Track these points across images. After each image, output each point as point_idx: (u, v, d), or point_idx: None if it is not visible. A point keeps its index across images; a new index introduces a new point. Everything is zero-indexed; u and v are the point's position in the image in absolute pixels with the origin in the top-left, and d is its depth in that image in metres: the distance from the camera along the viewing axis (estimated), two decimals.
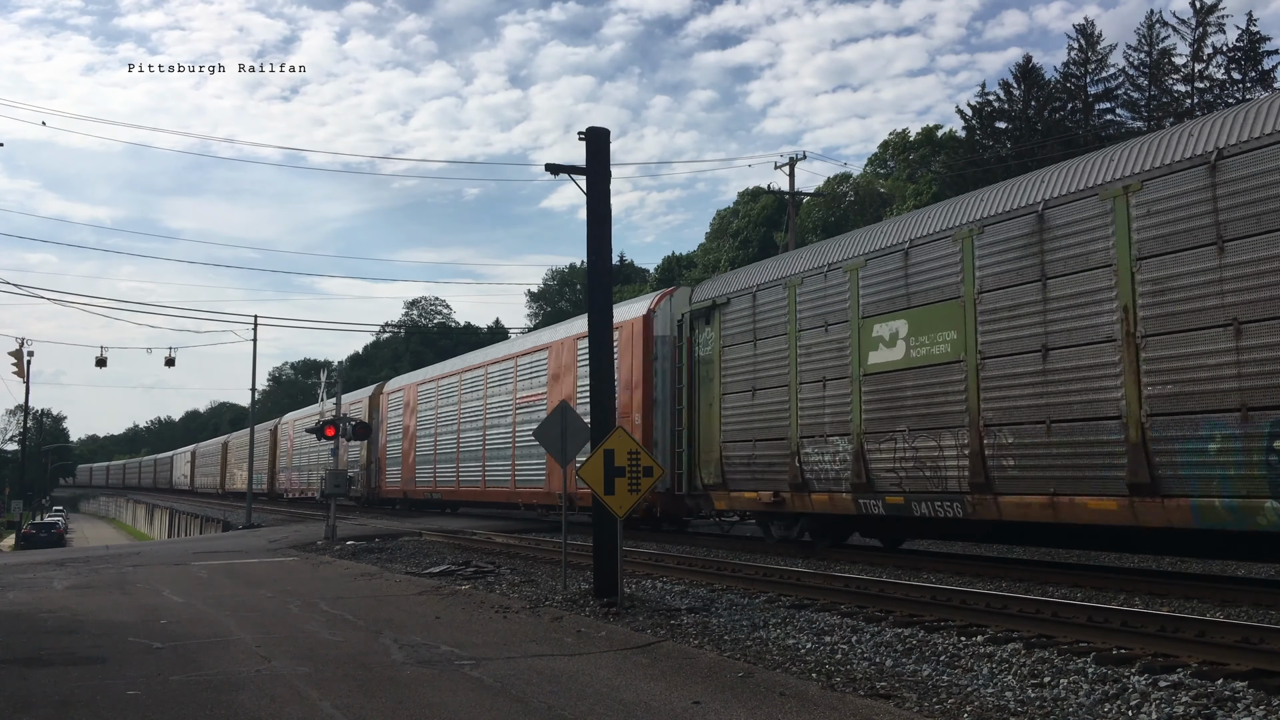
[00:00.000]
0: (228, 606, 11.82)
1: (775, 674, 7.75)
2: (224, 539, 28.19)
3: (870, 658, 8.48)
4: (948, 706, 6.81)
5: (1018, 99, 50.32)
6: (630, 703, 6.77)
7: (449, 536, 23.60)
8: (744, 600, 11.93)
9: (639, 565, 15.56)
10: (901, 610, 10.74)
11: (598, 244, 13.03)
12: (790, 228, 40.49)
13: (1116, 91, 49.71)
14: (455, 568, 16.28)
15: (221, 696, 7.02)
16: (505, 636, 9.48)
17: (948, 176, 47.51)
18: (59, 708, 6.77)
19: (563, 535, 14.01)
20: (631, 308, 23.51)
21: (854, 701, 6.74)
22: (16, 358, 47.34)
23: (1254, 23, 46.16)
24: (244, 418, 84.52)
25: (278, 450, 57.35)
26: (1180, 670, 7.57)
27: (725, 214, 66.62)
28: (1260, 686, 7.01)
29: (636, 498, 11.84)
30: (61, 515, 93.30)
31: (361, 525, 28.85)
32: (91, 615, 11.23)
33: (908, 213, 16.28)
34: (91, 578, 15.60)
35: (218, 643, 9.28)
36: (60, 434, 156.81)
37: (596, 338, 13.03)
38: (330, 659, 8.37)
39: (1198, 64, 47.23)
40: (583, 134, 13.23)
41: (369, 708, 6.68)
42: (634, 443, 11.97)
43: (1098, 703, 6.85)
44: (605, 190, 13.19)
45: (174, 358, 47.96)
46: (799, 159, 38.65)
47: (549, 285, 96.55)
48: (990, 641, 8.98)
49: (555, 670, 7.85)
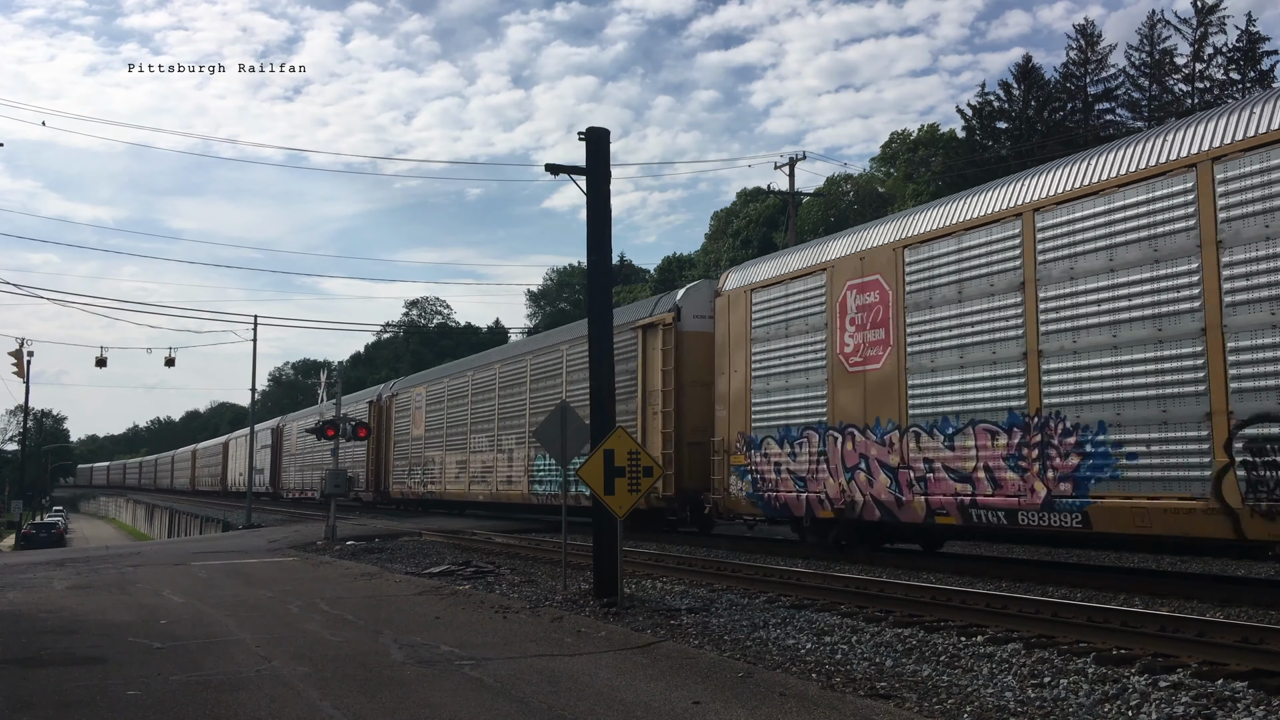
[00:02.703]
0: (228, 606, 11.82)
1: (775, 674, 7.75)
2: (224, 539, 28.20)
3: (870, 658, 8.47)
4: (948, 706, 6.81)
5: (1018, 99, 50.33)
6: (630, 703, 6.77)
7: (449, 536, 23.60)
8: (744, 600, 11.93)
9: (639, 565, 15.56)
10: (901, 610, 10.74)
11: (598, 244, 13.04)
12: (790, 227, 40.52)
13: (1117, 91, 49.74)
14: (455, 568, 16.29)
15: (221, 696, 7.02)
16: (505, 636, 9.48)
17: (948, 176, 47.50)
18: (59, 708, 6.77)
19: (563, 535, 14.02)
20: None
21: (854, 701, 6.74)
22: (16, 358, 47.34)
23: (1253, 23, 46.10)
24: (244, 418, 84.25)
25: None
26: (1180, 670, 7.58)
27: (724, 214, 66.64)
28: (1260, 686, 7.01)
29: (636, 497, 11.85)
30: (61, 515, 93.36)
31: (361, 525, 28.85)
32: (91, 615, 11.22)
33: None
34: (91, 578, 15.59)
35: (218, 643, 9.28)
36: (60, 434, 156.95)
37: (597, 337, 13.04)
38: (330, 659, 8.37)
39: (1198, 64, 47.27)
40: (583, 134, 13.23)
41: (369, 708, 6.68)
42: (634, 443, 11.98)
43: (1098, 703, 6.85)
44: (605, 191, 13.19)
45: (174, 358, 47.99)
46: (799, 159, 38.79)
47: (549, 285, 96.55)
48: (990, 641, 8.99)
49: (555, 670, 7.85)
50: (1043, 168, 13.95)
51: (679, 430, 20.53)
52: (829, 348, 16.48)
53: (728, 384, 19.01)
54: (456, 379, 33.35)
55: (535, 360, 27.63)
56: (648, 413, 21.34)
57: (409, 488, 36.50)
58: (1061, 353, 12.76)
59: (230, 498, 67.18)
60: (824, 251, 17.20)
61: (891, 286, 15.40)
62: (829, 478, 16.22)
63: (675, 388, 20.69)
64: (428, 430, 35.06)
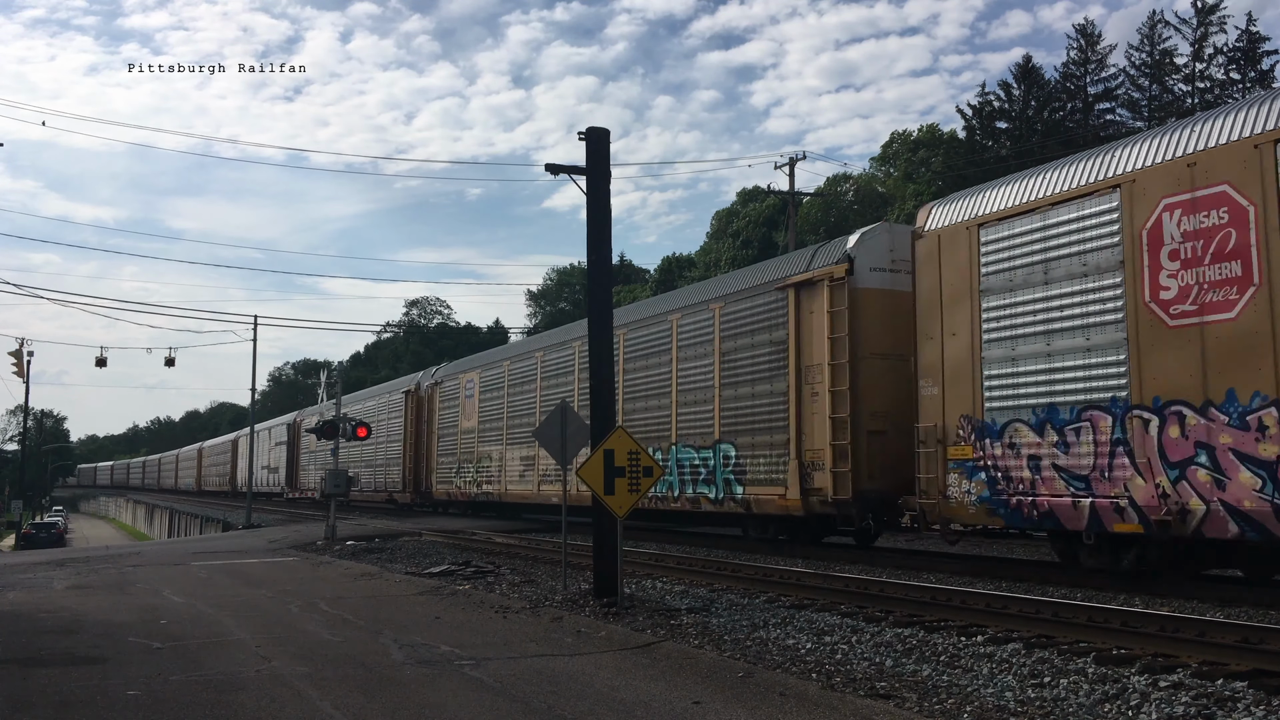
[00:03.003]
0: (228, 606, 11.82)
1: (775, 674, 7.75)
2: (224, 539, 28.20)
3: (870, 658, 8.48)
4: (948, 706, 6.81)
5: (1018, 99, 50.36)
6: (630, 703, 6.77)
7: (449, 536, 23.61)
8: (744, 600, 11.93)
9: (639, 565, 15.57)
10: (901, 610, 10.74)
11: (598, 244, 13.04)
12: (790, 227, 40.53)
13: (1117, 91, 49.78)
14: (455, 568, 16.29)
15: (221, 696, 7.02)
16: (505, 636, 9.48)
17: (948, 176, 47.51)
18: (59, 708, 6.77)
19: (563, 535, 14.02)
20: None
21: (854, 701, 6.74)
22: (16, 358, 47.36)
23: (1254, 23, 46.13)
24: (244, 418, 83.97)
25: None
26: (1180, 670, 7.58)
27: (725, 214, 66.61)
28: (1260, 686, 7.02)
29: (636, 497, 11.84)
30: (61, 515, 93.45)
31: (361, 525, 28.85)
32: (91, 615, 11.22)
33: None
34: (91, 578, 15.59)
35: (218, 643, 9.28)
36: (61, 434, 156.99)
37: (597, 337, 13.03)
38: (330, 659, 8.37)
39: (1198, 64, 47.30)
40: (583, 134, 13.22)
41: (369, 708, 6.68)
42: (634, 443, 11.97)
43: (1098, 703, 6.85)
44: (605, 191, 13.18)
45: (174, 358, 47.97)
46: (799, 159, 38.78)
47: (549, 285, 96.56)
48: (990, 641, 8.99)
49: (555, 670, 7.85)
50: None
51: (854, 415, 16.20)
52: (1129, 294, 12.19)
53: (939, 353, 14.67)
54: (520, 361, 29.01)
55: (632, 335, 22.65)
56: (804, 394, 17.21)
57: (457, 488, 32.06)
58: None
59: (240, 499, 65.24)
60: (1111, 162, 12.78)
61: (1254, 199, 10.97)
62: (1133, 476, 11.97)
63: (849, 361, 16.40)
64: (482, 422, 30.77)
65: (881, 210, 50.46)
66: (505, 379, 29.63)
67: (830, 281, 16.81)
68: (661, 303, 23.39)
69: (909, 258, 15.66)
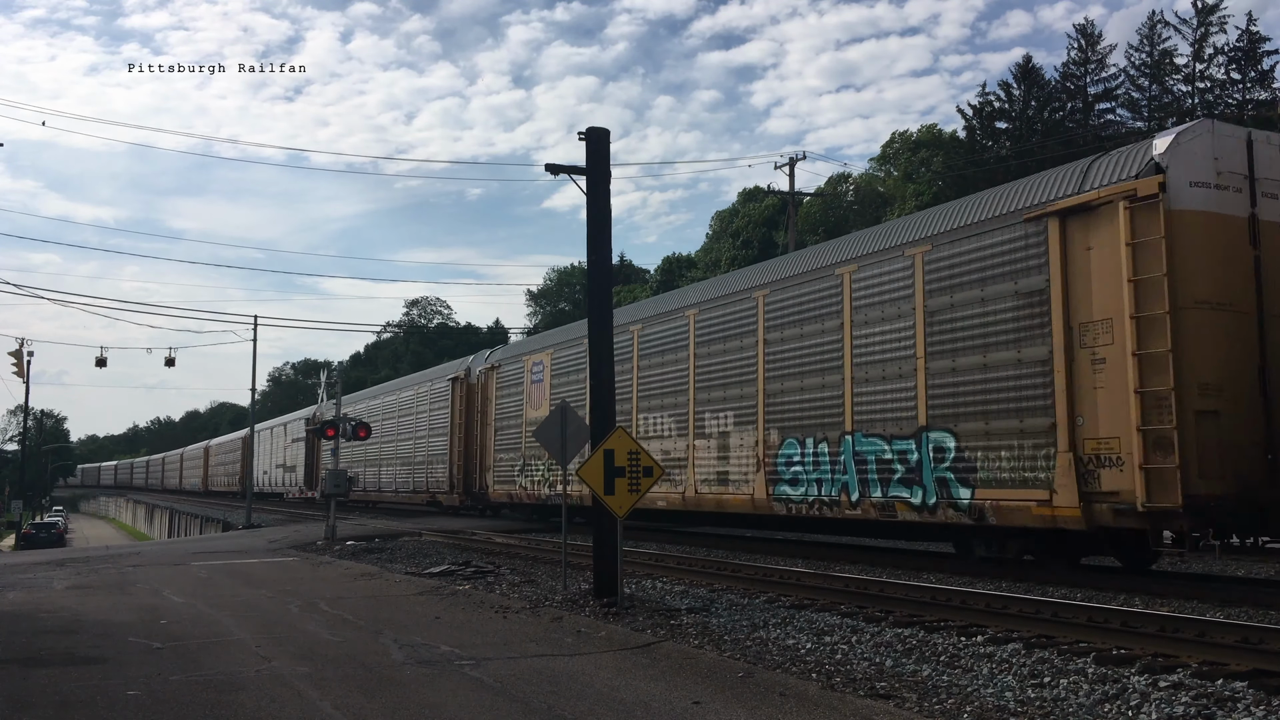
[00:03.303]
0: (228, 607, 11.82)
1: (775, 674, 7.75)
2: (224, 539, 28.20)
3: (870, 658, 8.48)
4: (948, 706, 6.81)
5: (1018, 99, 50.34)
6: (630, 703, 6.77)
7: (449, 536, 23.60)
8: (744, 600, 11.93)
9: (639, 565, 15.56)
10: (901, 610, 10.74)
11: (598, 244, 13.04)
12: (790, 227, 40.53)
13: (1117, 91, 49.76)
14: (455, 568, 16.29)
15: (221, 696, 7.02)
16: (505, 637, 9.48)
17: (948, 177, 47.52)
18: (59, 708, 6.77)
19: (563, 535, 14.02)
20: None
21: (854, 701, 6.74)
22: (16, 358, 47.34)
23: (1254, 23, 46.11)
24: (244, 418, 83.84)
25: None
26: (1180, 670, 7.58)
27: (726, 214, 66.57)
28: (1260, 686, 7.02)
29: (636, 498, 11.84)
30: (61, 515, 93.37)
31: (361, 525, 28.85)
32: (91, 615, 11.22)
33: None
34: (91, 578, 15.59)
35: (218, 643, 9.28)
36: (61, 434, 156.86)
37: (597, 337, 13.04)
38: (330, 659, 8.37)
39: (1199, 64, 47.28)
40: (583, 134, 13.22)
41: (369, 708, 6.68)
42: (634, 443, 11.96)
43: (1098, 703, 6.85)
44: (605, 191, 13.18)
45: (174, 358, 47.89)
46: (799, 159, 38.75)
47: (549, 285, 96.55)
48: (990, 641, 8.99)
49: (555, 670, 7.85)
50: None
51: (1179, 387, 11.48)
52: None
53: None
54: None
55: (774, 297, 18.18)
56: (1079, 359, 12.57)
57: (522, 488, 27.37)
58: None
59: (255, 499, 59.57)
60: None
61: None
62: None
63: (1168, 312, 11.67)
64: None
65: (882, 210, 50.45)
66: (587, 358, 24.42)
67: (1130, 202, 12.05)
68: (818, 254, 18.17)
69: (1243, 170, 11.84)
